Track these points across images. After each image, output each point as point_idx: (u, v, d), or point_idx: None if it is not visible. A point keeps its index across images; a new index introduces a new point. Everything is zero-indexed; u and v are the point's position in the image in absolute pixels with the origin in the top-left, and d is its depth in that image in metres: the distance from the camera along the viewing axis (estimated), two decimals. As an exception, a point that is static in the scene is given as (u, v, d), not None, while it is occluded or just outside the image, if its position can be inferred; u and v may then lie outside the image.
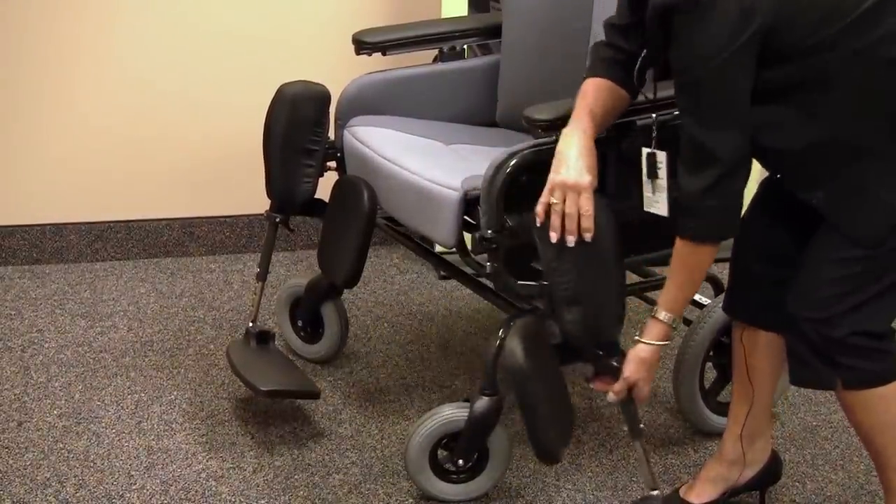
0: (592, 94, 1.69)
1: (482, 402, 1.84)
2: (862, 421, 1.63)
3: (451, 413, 1.87)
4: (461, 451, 1.88)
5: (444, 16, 2.62)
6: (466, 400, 1.87)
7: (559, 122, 1.74)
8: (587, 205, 1.61)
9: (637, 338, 1.69)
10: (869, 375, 1.58)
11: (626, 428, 1.78)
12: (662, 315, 1.66)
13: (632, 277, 2.35)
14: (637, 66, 1.66)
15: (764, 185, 1.76)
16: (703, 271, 1.65)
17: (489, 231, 1.78)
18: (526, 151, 1.77)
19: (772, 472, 1.90)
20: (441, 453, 1.91)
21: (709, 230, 1.59)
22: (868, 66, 1.46)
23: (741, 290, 1.79)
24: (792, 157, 1.56)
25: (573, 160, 1.62)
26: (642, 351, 1.68)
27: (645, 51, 1.63)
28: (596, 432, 2.16)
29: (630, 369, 1.69)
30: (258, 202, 2.28)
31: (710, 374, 2.14)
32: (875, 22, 1.44)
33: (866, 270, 1.54)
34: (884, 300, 1.56)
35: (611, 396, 1.72)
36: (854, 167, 1.51)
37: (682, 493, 1.87)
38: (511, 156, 1.76)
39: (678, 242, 1.61)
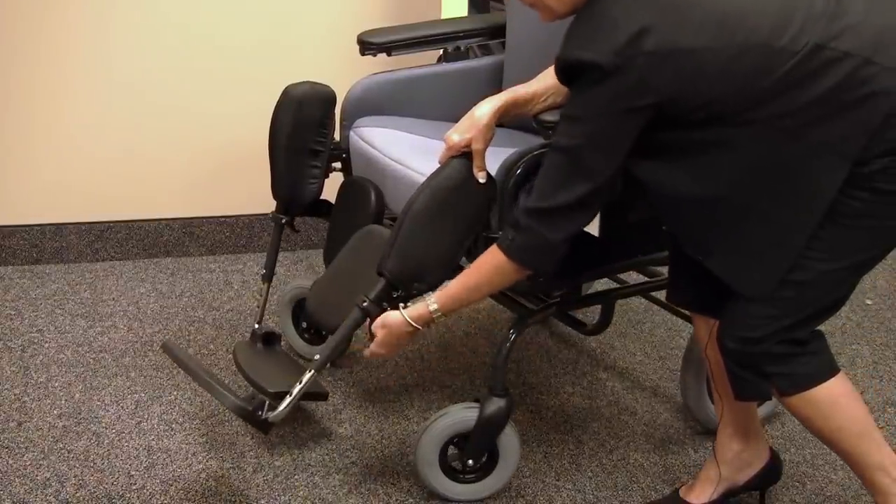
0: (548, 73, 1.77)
1: (492, 403, 1.84)
2: (822, 428, 1.64)
3: (462, 413, 1.87)
4: (471, 452, 1.89)
5: (444, 17, 2.62)
6: (476, 400, 1.87)
7: None
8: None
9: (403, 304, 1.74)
10: (800, 379, 1.60)
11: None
12: (430, 298, 1.71)
13: (635, 277, 2.35)
14: None
15: None
16: (490, 286, 1.68)
17: (499, 231, 1.78)
18: (536, 153, 1.77)
19: (772, 472, 1.90)
20: (451, 452, 1.91)
21: (515, 247, 1.62)
22: (761, 136, 1.48)
23: (676, 275, 1.82)
24: (683, 211, 1.58)
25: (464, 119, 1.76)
26: (391, 313, 1.74)
27: None
28: (596, 432, 2.16)
29: (376, 318, 1.75)
30: (258, 202, 2.29)
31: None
32: (771, 99, 1.46)
33: (794, 298, 1.56)
34: (810, 319, 1.59)
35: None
36: (741, 226, 1.54)
37: (682, 493, 1.88)
38: (521, 157, 1.77)
39: (493, 246, 1.65)
